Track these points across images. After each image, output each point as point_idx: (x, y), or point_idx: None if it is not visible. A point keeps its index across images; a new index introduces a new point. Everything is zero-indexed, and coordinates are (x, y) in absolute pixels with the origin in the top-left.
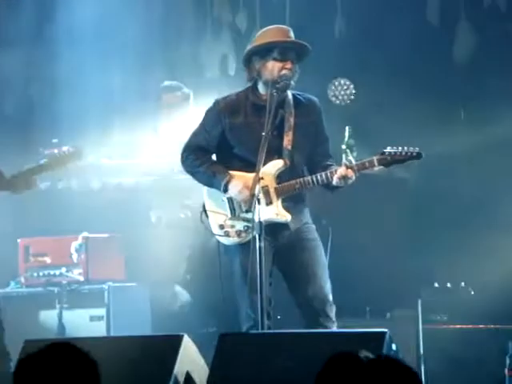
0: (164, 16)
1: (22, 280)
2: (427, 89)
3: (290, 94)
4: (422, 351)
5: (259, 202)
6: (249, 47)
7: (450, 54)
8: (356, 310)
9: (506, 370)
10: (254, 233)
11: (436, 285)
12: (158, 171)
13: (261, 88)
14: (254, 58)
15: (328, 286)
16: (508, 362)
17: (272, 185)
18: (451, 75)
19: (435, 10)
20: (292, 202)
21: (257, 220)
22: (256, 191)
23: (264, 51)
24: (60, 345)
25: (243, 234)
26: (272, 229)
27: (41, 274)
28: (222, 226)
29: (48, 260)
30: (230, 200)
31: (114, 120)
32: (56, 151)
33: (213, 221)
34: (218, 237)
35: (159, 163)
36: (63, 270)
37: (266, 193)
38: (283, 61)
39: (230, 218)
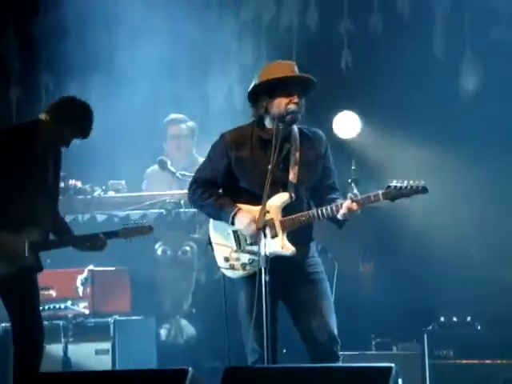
0: (172, 47)
1: None
2: (433, 122)
3: (295, 127)
4: None
5: (265, 236)
6: (253, 83)
7: (456, 86)
8: (362, 343)
9: None
10: (260, 266)
11: (442, 319)
12: (165, 204)
13: (267, 122)
14: (259, 95)
15: (333, 321)
16: None
17: (277, 217)
18: (457, 108)
19: (441, 42)
20: (298, 235)
21: (263, 253)
22: (261, 224)
23: (269, 88)
24: None
25: (248, 267)
26: (277, 262)
27: (46, 307)
28: (227, 259)
29: (53, 293)
30: (236, 233)
31: (122, 153)
32: (134, 224)
33: (218, 253)
34: (223, 269)
35: (166, 196)
36: (68, 303)
37: (272, 225)
38: (289, 95)
39: (236, 251)
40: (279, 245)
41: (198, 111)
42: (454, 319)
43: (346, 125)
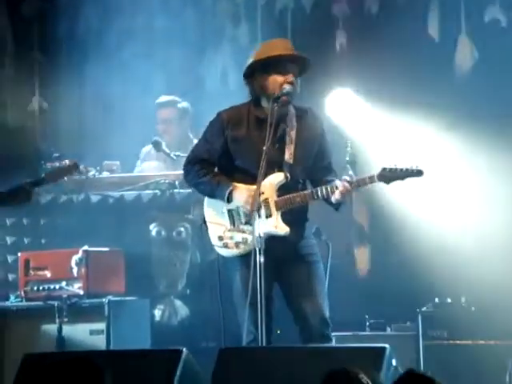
0: (165, 27)
1: (22, 294)
2: (427, 102)
3: (291, 107)
4: (421, 367)
5: (260, 216)
6: (249, 61)
7: (450, 67)
8: (356, 324)
9: None
10: (255, 247)
11: (436, 300)
12: (160, 185)
13: (263, 101)
14: (255, 72)
15: (325, 304)
16: (508, 378)
17: (272, 197)
18: (451, 89)
19: (436, 24)
20: (292, 215)
21: (257, 234)
22: (256, 206)
23: (265, 65)
24: (79, 359)
25: (242, 246)
26: (272, 242)
27: (41, 287)
28: (221, 238)
29: (48, 274)
30: (230, 211)
31: (116, 133)
32: (57, 164)
33: (212, 232)
34: (216, 248)
35: (161, 177)
36: (63, 283)
37: (266, 205)
38: (285, 74)
39: (230, 230)
40: (273, 225)
41: (192, 92)
42: (449, 300)
43: (340, 104)
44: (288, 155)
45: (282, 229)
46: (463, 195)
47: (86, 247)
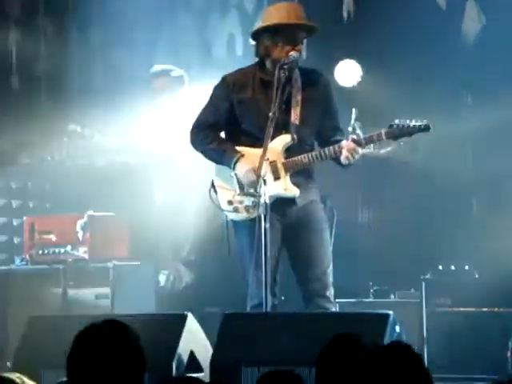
0: None
1: (27, 257)
2: (436, 71)
3: (296, 69)
4: (425, 333)
5: (265, 183)
6: (258, 24)
7: (457, 35)
8: (360, 291)
9: (509, 353)
10: (260, 213)
11: (440, 267)
12: (164, 150)
13: (268, 64)
14: (262, 35)
15: (330, 269)
16: (510, 345)
17: (280, 160)
18: (460, 58)
19: None
20: (300, 177)
21: (263, 201)
22: (262, 172)
23: (273, 31)
24: (114, 323)
25: (251, 210)
26: (279, 205)
27: (46, 251)
28: (230, 202)
29: (53, 238)
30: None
31: (121, 99)
32: None
33: (221, 197)
34: (226, 212)
35: (165, 142)
36: (68, 247)
37: (274, 168)
38: (293, 42)
39: (239, 194)
40: (282, 187)
41: (197, 59)
42: (452, 267)
43: (347, 73)
44: (294, 116)
45: (291, 190)
46: (468, 163)
47: (90, 212)
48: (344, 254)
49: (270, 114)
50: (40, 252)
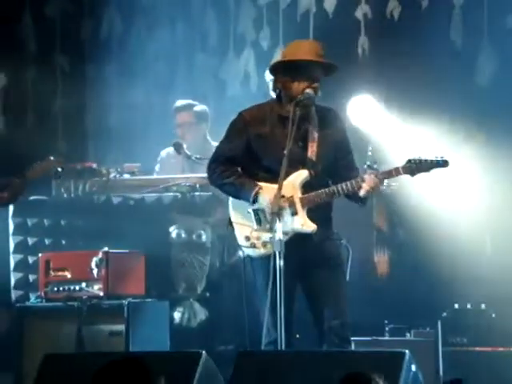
0: (187, 32)
1: (42, 294)
2: (448, 109)
3: (313, 107)
4: (441, 373)
5: (280, 220)
6: (279, 58)
7: (472, 74)
8: (375, 329)
9: None
10: (275, 250)
11: (456, 306)
12: (181, 188)
13: (285, 100)
14: (280, 70)
15: (347, 309)
16: None
17: (297, 195)
18: (473, 96)
19: (458, 29)
20: (317, 212)
21: (277, 238)
22: (276, 208)
23: (291, 67)
24: (129, 360)
25: (269, 246)
26: (296, 240)
27: (61, 288)
28: (248, 238)
29: (68, 275)
30: (256, 211)
31: (138, 136)
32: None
33: (239, 232)
34: (244, 248)
35: (181, 180)
36: (83, 284)
37: (292, 203)
38: (310, 80)
39: (256, 230)
40: (300, 222)
41: (213, 96)
42: (469, 306)
43: (361, 109)
44: (311, 152)
45: (310, 226)
46: (484, 200)
47: (106, 249)
48: (359, 291)
49: (285, 151)
50: (55, 289)
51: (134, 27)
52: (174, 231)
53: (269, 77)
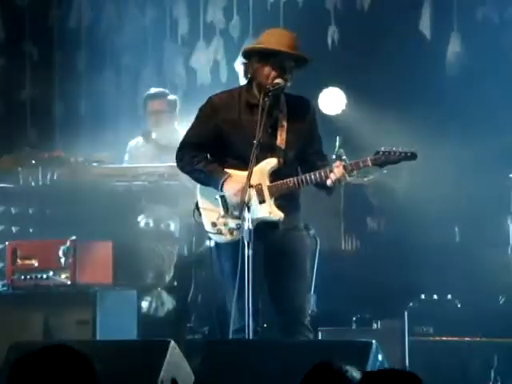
0: (156, 21)
1: (10, 282)
2: (419, 100)
3: (282, 95)
4: (407, 363)
5: (249, 209)
6: (251, 45)
7: (442, 65)
8: (342, 320)
9: (491, 383)
10: (244, 240)
11: (423, 296)
12: (149, 177)
13: (254, 87)
14: (253, 56)
15: (307, 298)
16: (493, 375)
17: (265, 183)
18: (443, 87)
19: (428, 21)
20: (284, 200)
21: (246, 227)
22: (246, 197)
23: (264, 55)
24: (56, 347)
25: (235, 233)
26: (263, 229)
27: (28, 276)
28: (214, 224)
29: (35, 263)
30: (223, 198)
31: (107, 126)
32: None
33: (205, 218)
34: (210, 234)
35: (150, 169)
36: (50, 273)
37: (259, 191)
38: (280, 70)
39: (223, 216)
40: (267, 211)
41: (182, 84)
42: (435, 297)
43: (332, 101)
44: (280, 140)
45: (276, 214)
46: (452, 191)
47: (73, 237)
48: (327, 282)
49: (255, 141)
50: (22, 277)
51: (103, 15)
52: (142, 220)
53: (239, 63)
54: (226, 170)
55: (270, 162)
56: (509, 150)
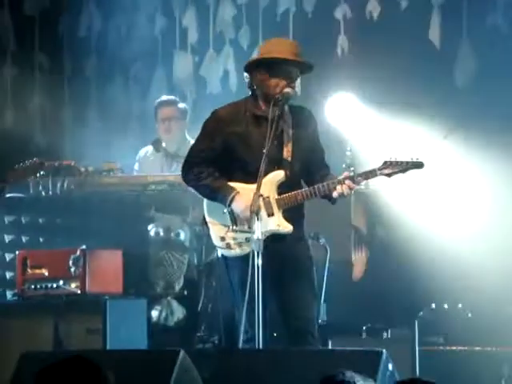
0: (166, 30)
1: (20, 292)
2: (428, 110)
3: (286, 106)
4: (417, 372)
5: (258, 218)
6: (255, 56)
7: (451, 74)
8: (352, 329)
9: None
10: (254, 250)
11: (433, 306)
12: (159, 186)
13: (260, 99)
14: (257, 68)
15: (315, 307)
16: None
17: (273, 196)
18: (452, 97)
19: (437, 29)
20: (291, 212)
21: (256, 237)
22: (255, 208)
23: (268, 65)
24: (77, 358)
25: (244, 246)
26: (269, 240)
27: (38, 286)
28: (223, 238)
29: (46, 272)
30: (231, 212)
31: (116, 135)
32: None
33: (214, 233)
34: (219, 249)
35: (160, 178)
36: (60, 282)
37: (268, 204)
38: (288, 78)
39: (232, 230)
40: (276, 223)
41: (192, 94)
42: (445, 306)
43: (340, 108)
44: (286, 152)
45: (286, 227)
46: (463, 201)
47: (83, 247)
48: (337, 291)
49: (264, 150)
50: (32, 287)
51: (113, 24)
52: (152, 229)
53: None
54: (232, 183)
55: (278, 175)
56: None
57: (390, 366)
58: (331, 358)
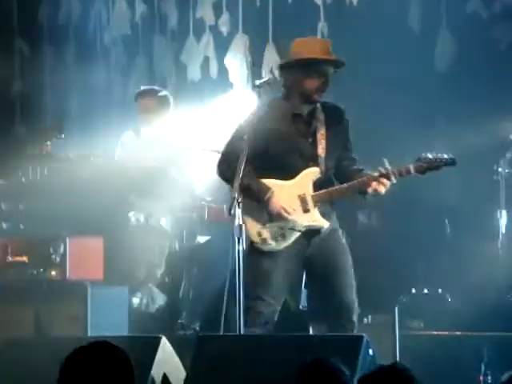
0: (146, 17)
1: (0, 279)
2: (409, 96)
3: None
4: (397, 357)
5: (239, 206)
6: (291, 57)
7: (431, 60)
8: None
9: (481, 377)
10: (235, 236)
11: (413, 291)
12: (139, 172)
13: (296, 97)
14: (292, 67)
15: (355, 294)
16: (483, 368)
17: (309, 192)
18: (432, 82)
19: (416, 15)
20: (323, 207)
21: (236, 223)
22: (236, 194)
23: (304, 65)
24: (101, 344)
25: (281, 241)
26: (305, 234)
27: (19, 273)
28: (259, 233)
29: (26, 260)
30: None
31: (98, 121)
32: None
33: (250, 228)
34: (256, 245)
35: (140, 164)
36: (41, 269)
37: (303, 200)
38: (323, 77)
39: (268, 226)
40: (312, 219)
41: (172, 80)
42: (425, 291)
43: None
44: (321, 149)
45: (321, 222)
46: (441, 185)
47: (64, 233)
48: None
49: (298, 148)
50: (13, 273)
51: (93, 10)
52: (133, 216)
53: (229, 59)
54: (267, 180)
55: (313, 172)
56: (496, 144)
57: (371, 351)
58: (312, 343)
